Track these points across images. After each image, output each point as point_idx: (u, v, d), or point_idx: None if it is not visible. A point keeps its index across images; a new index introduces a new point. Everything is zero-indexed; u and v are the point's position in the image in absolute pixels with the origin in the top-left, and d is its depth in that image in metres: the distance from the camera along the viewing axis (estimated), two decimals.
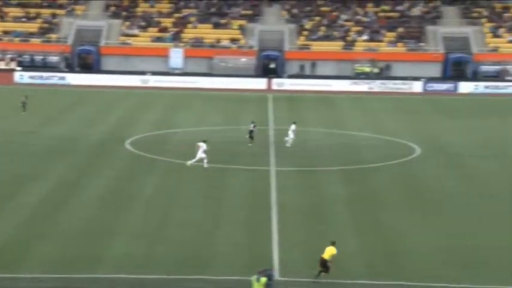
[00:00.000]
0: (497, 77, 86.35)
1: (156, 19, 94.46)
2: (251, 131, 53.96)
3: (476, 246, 33.31)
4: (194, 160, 46.39)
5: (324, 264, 28.82)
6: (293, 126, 53.59)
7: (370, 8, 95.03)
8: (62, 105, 70.30)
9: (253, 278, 26.08)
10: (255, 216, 37.42)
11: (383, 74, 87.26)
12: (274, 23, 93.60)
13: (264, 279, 25.86)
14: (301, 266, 30.78)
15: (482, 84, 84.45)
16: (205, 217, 37.14)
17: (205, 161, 46.28)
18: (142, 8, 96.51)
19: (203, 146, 46.65)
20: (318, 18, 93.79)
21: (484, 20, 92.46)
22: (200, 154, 46.39)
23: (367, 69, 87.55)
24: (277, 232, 34.87)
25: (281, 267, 30.31)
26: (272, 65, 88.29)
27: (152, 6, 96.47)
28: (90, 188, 41.66)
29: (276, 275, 28.79)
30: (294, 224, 36.24)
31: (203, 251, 32.34)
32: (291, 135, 53.23)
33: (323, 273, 28.89)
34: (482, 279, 29.72)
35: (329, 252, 28.96)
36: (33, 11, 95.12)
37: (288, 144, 52.88)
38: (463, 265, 31.18)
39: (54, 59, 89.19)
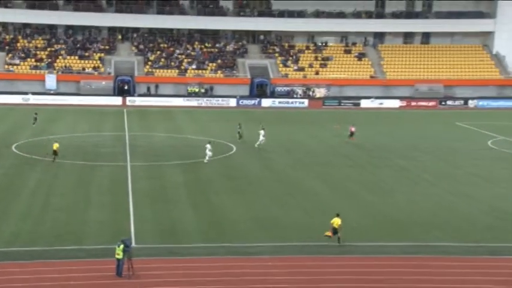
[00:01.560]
0: (288, 95, 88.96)
1: (33, 52, 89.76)
2: (238, 132, 55.62)
3: (275, 216, 34.08)
4: (207, 157, 45.93)
5: (336, 231, 29.12)
6: (262, 132, 53.23)
7: (197, 45, 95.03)
8: None
9: (116, 245, 25.63)
10: (116, 199, 36.47)
11: (208, 93, 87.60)
12: (126, 55, 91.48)
13: (122, 246, 25.53)
14: (151, 236, 30.39)
15: (277, 100, 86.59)
16: (77, 202, 35.79)
17: (210, 156, 45.92)
18: (21, 43, 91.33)
19: (208, 146, 46.27)
20: (158, 52, 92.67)
21: (277, 55, 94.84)
22: (209, 152, 45.91)
23: (197, 90, 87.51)
24: (133, 211, 34.24)
25: (136, 237, 29.80)
26: (126, 87, 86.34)
27: (30, 42, 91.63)
28: None
29: (133, 243, 28.22)
30: (146, 205, 35.66)
31: (77, 228, 31.21)
32: (261, 137, 52.87)
33: (338, 236, 29.18)
34: (281, 238, 30.49)
35: (336, 221, 29.28)
36: None
37: (257, 143, 52.68)
38: (262, 229, 31.59)
39: None
